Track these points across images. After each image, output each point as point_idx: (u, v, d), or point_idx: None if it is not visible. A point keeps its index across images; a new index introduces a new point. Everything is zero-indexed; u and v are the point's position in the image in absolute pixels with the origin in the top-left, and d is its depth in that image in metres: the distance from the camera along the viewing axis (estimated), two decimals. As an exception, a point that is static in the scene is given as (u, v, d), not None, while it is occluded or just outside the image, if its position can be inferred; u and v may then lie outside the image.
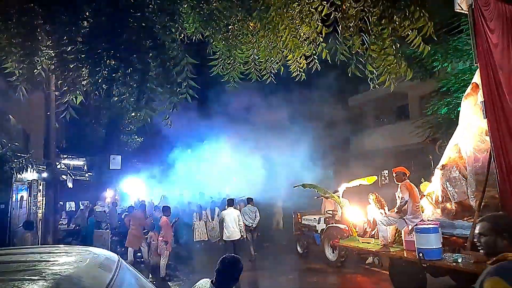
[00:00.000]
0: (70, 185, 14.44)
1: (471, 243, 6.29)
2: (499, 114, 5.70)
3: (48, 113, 10.08)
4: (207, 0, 3.87)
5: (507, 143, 5.66)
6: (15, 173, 9.77)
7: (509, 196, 5.46)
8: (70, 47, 3.39)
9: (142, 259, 12.35)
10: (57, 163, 12.50)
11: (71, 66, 3.40)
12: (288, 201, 16.33)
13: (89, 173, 18.38)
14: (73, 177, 14.79)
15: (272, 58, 4.55)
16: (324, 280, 9.69)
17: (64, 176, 14.15)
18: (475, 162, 7.08)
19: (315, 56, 4.56)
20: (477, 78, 6.31)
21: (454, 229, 7.05)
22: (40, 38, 3.46)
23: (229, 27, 4.09)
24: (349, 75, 4.07)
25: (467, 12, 5.09)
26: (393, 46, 3.90)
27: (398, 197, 8.06)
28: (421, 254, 6.71)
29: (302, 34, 4.31)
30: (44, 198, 12.09)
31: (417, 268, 6.97)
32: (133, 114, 3.52)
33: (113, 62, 3.46)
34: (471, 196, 7.07)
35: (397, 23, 3.70)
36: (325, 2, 3.84)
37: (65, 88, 3.51)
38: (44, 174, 11.34)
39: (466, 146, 7.38)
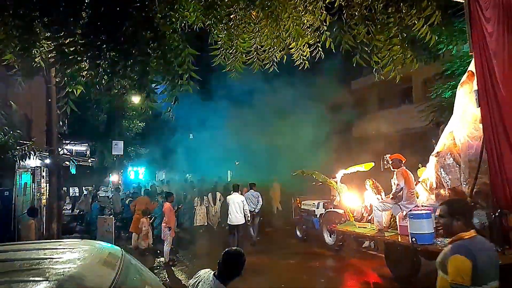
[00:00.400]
0: (73, 171, 14.48)
1: None
2: (492, 103, 5.79)
3: (50, 100, 10.00)
4: (208, -12, 3.77)
5: (499, 132, 5.78)
6: (18, 161, 9.80)
7: (499, 183, 5.65)
8: (68, 40, 3.31)
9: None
10: (59, 149, 12.50)
11: (70, 59, 3.34)
12: (290, 185, 16.40)
13: (91, 159, 18.43)
14: (76, 163, 14.83)
15: (275, 47, 4.46)
16: (323, 263, 9.88)
17: (67, 162, 14.19)
18: (468, 149, 7.23)
19: (318, 44, 4.46)
20: (472, 66, 6.32)
21: None
22: (38, 30, 3.38)
23: (231, 16, 3.99)
24: (354, 65, 3.99)
25: (463, 1, 5.00)
26: (399, 36, 3.81)
27: (394, 183, 8.23)
28: (414, 239, 6.90)
29: (305, 21, 4.20)
30: (47, 184, 12.15)
31: (411, 252, 7.17)
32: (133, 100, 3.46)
33: (113, 54, 3.39)
34: (464, 183, 7.24)
35: (403, 11, 3.59)
36: (330, -11, 3.73)
37: (65, 80, 3.46)
38: (47, 161, 11.35)
39: (460, 134, 7.52)
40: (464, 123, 7.42)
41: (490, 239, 5.89)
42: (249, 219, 11.37)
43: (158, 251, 11.41)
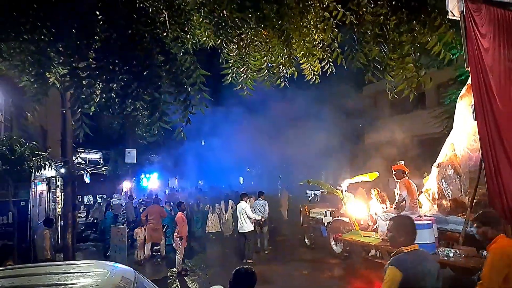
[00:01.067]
0: (87, 180, 14.67)
1: (463, 238, 6.63)
2: (489, 116, 5.95)
3: (64, 111, 10.17)
4: (219, 10, 3.78)
5: (496, 144, 5.96)
6: (33, 171, 9.95)
7: (496, 195, 5.80)
8: (82, 64, 3.36)
9: (159, 253, 12.56)
10: (74, 159, 12.67)
11: (84, 83, 3.38)
12: (300, 193, 16.37)
13: (105, 167, 18.65)
14: (90, 171, 15.01)
15: (286, 65, 4.46)
16: (328, 272, 10.05)
17: (81, 171, 14.38)
18: (468, 161, 7.44)
19: (330, 60, 4.43)
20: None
21: (447, 225, 7.36)
22: (52, 54, 3.44)
23: (242, 36, 4.00)
24: (366, 82, 3.95)
25: (459, 19, 5.16)
26: (413, 54, 3.77)
27: (397, 193, 8.44)
28: None
29: (316, 37, 4.19)
30: (62, 193, 12.31)
31: None
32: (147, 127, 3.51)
33: (125, 77, 3.43)
34: (464, 194, 7.45)
35: (416, 29, 3.55)
36: (340, 6, 3.71)
37: (78, 103, 3.49)
38: (62, 170, 11.51)
39: (460, 145, 7.74)
40: (464, 135, 7.61)
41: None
42: (252, 227, 11.44)
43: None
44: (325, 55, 4.15)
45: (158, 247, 12.53)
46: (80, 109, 3.46)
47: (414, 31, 3.56)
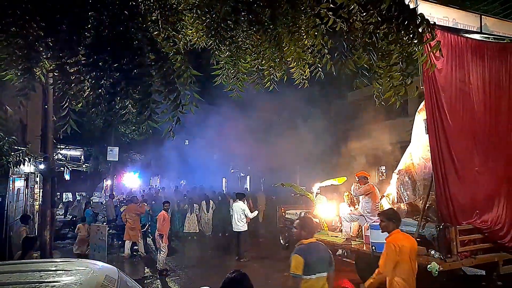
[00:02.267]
0: (67, 177, 14.38)
1: (416, 239, 7.31)
2: (439, 131, 6.63)
3: (46, 106, 9.95)
4: (212, 11, 3.79)
5: (444, 156, 6.65)
6: (12, 167, 9.69)
7: (443, 199, 6.57)
8: (71, 59, 3.31)
9: (139, 252, 12.47)
10: (54, 155, 12.41)
11: (73, 78, 3.34)
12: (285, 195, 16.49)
13: (86, 164, 18.30)
14: (70, 168, 14.73)
15: (275, 68, 4.49)
16: None
17: (61, 168, 14.09)
18: (423, 169, 8.17)
19: (319, 65, 4.48)
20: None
21: (403, 226, 8.19)
22: (41, 49, 3.38)
23: (234, 38, 4.02)
24: (354, 88, 4.02)
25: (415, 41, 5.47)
26: (400, 63, 3.87)
27: (362, 197, 8.98)
28: (373, 247, 7.51)
29: (306, 42, 4.23)
30: (41, 190, 12.05)
31: (376, 259, 7.60)
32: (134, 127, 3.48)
33: (115, 75, 3.39)
34: (419, 198, 8.21)
35: (404, 39, 3.65)
36: (331, 13, 3.76)
37: (66, 99, 3.44)
38: (41, 166, 11.25)
39: (416, 155, 8.50)
40: (420, 146, 8.26)
41: (437, 248, 6.66)
42: (246, 227, 11.70)
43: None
44: (315, 60, 4.20)
45: (137, 247, 12.48)
46: (67, 105, 3.41)
47: (403, 41, 3.66)
